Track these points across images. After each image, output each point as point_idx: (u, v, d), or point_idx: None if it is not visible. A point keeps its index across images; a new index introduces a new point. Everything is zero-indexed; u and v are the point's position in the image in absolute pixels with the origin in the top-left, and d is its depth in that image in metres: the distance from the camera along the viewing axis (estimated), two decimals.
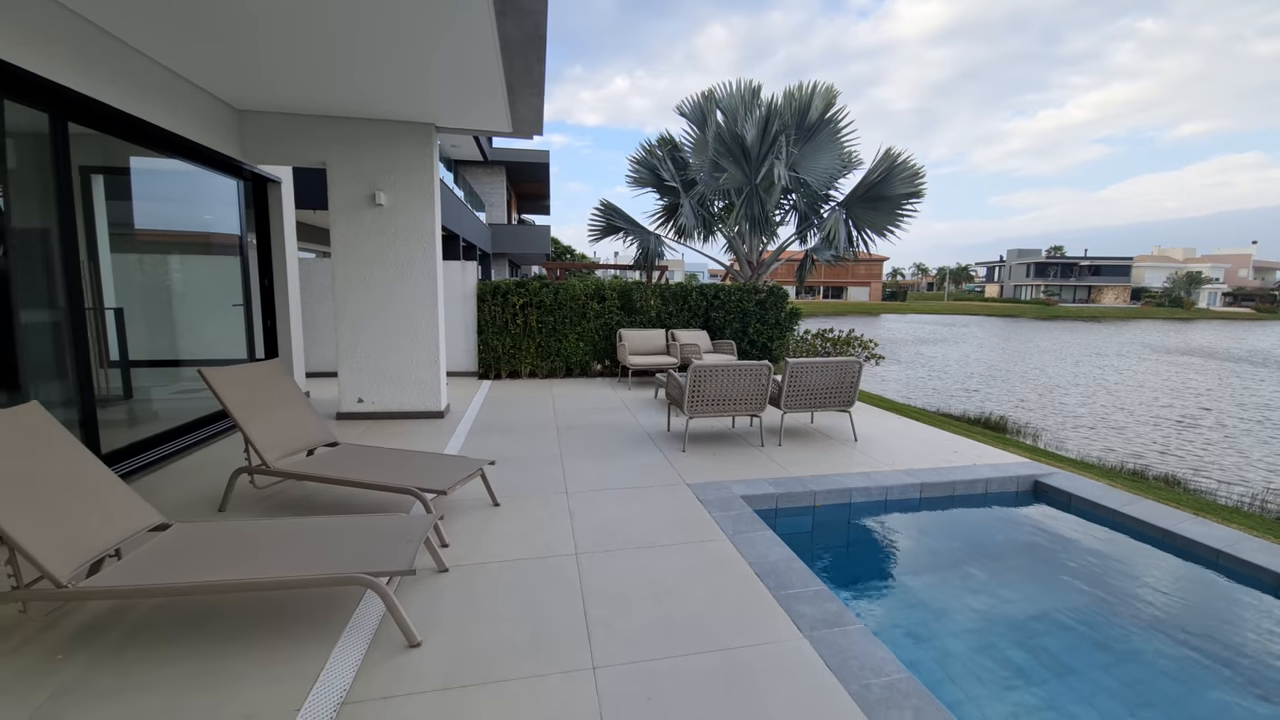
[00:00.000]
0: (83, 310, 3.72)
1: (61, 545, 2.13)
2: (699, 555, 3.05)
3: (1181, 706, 2.29)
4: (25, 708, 1.88)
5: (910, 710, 1.91)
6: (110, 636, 2.26)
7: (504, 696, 1.99)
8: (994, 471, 4.56)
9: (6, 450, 2.22)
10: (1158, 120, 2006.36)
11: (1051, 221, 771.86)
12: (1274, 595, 3.00)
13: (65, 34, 3.43)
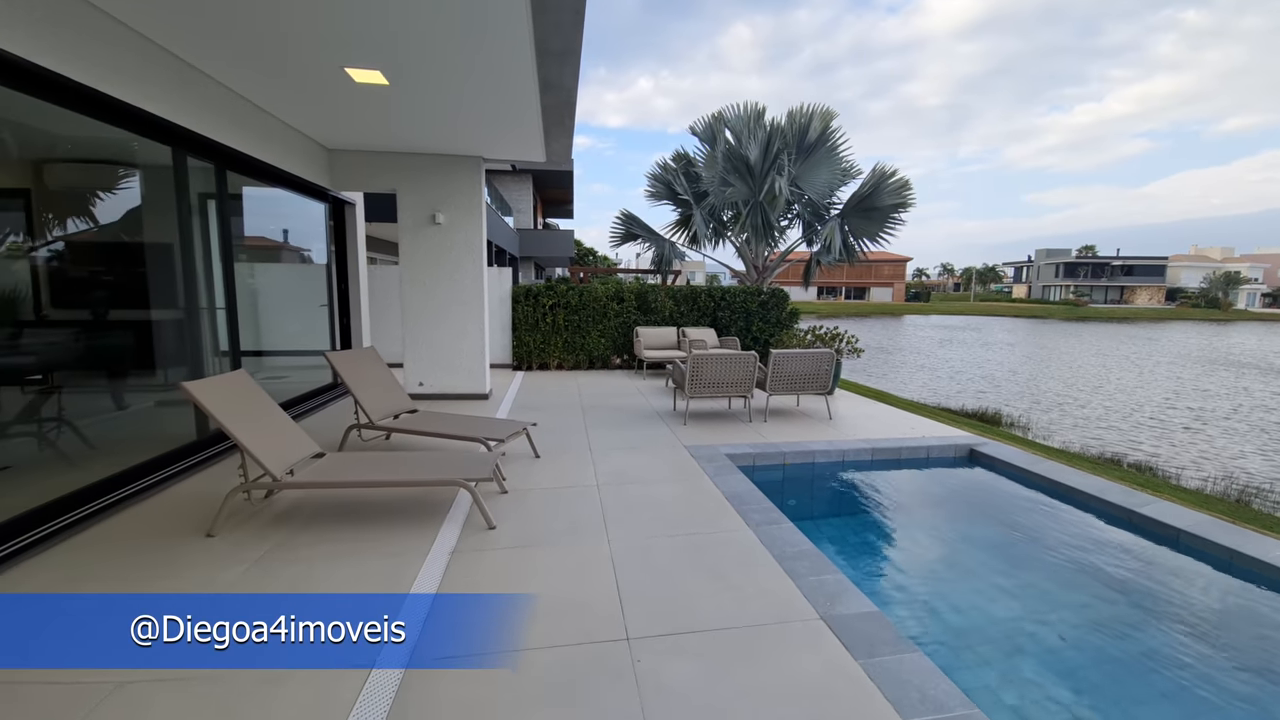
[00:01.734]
0: (199, 309, 4.99)
1: (272, 455, 3.38)
2: (686, 486, 4.19)
3: (1034, 574, 3.35)
4: (253, 555, 3.10)
5: (805, 561, 3.02)
6: (296, 520, 3.50)
7: (552, 553, 3.16)
8: (938, 441, 5.59)
9: (232, 398, 3.48)
10: (1202, 114, 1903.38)
11: (1088, 220, 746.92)
12: (1120, 526, 4.00)
13: (225, 105, 4.73)
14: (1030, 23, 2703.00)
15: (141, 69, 3.72)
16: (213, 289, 4.94)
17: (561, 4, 3.28)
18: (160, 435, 4.45)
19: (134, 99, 3.64)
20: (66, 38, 3.13)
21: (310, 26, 3.58)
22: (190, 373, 4.71)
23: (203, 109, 4.39)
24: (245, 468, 3.39)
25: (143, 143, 4.12)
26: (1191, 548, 3.59)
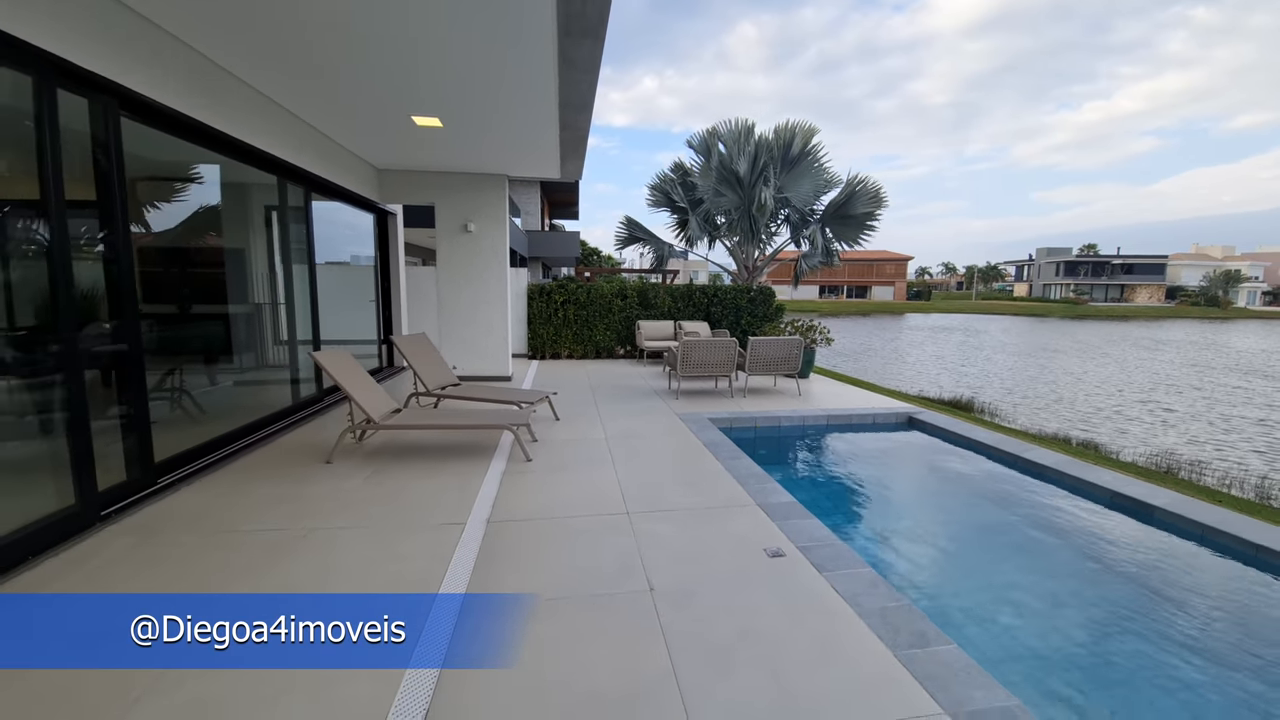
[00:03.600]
0: (273, 304, 6.28)
1: (371, 405, 4.63)
2: (674, 439, 5.43)
3: (922, 487, 4.58)
4: (362, 475, 4.35)
5: (755, 479, 4.25)
6: (385, 454, 4.77)
7: (574, 475, 4.40)
8: (884, 410, 6.81)
9: (341, 366, 4.74)
10: (1212, 111, 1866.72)
11: (1097, 218, 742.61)
12: (1032, 477, 5.17)
13: (311, 141, 6.00)
14: (1039, 20, 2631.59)
15: (256, 116, 4.99)
16: (305, 287, 6.22)
17: (581, 75, 4.51)
18: (267, 401, 5.74)
19: (261, 144, 4.92)
20: (223, 104, 4.41)
21: (392, 86, 4.82)
22: (287, 354, 6.00)
23: (300, 148, 5.66)
24: (352, 414, 4.66)
25: (256, 172, 5.40)
26: (1048, 477, 4.80)
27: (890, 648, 2.26)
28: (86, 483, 3.15)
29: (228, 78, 4.45)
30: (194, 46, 3.97)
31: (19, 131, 2.94)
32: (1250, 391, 15.41)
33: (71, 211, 3.05)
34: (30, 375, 3.13)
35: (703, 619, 2.48)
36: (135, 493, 3.56)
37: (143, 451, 3.66)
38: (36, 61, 2.86)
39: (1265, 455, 8.97)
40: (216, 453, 4.52)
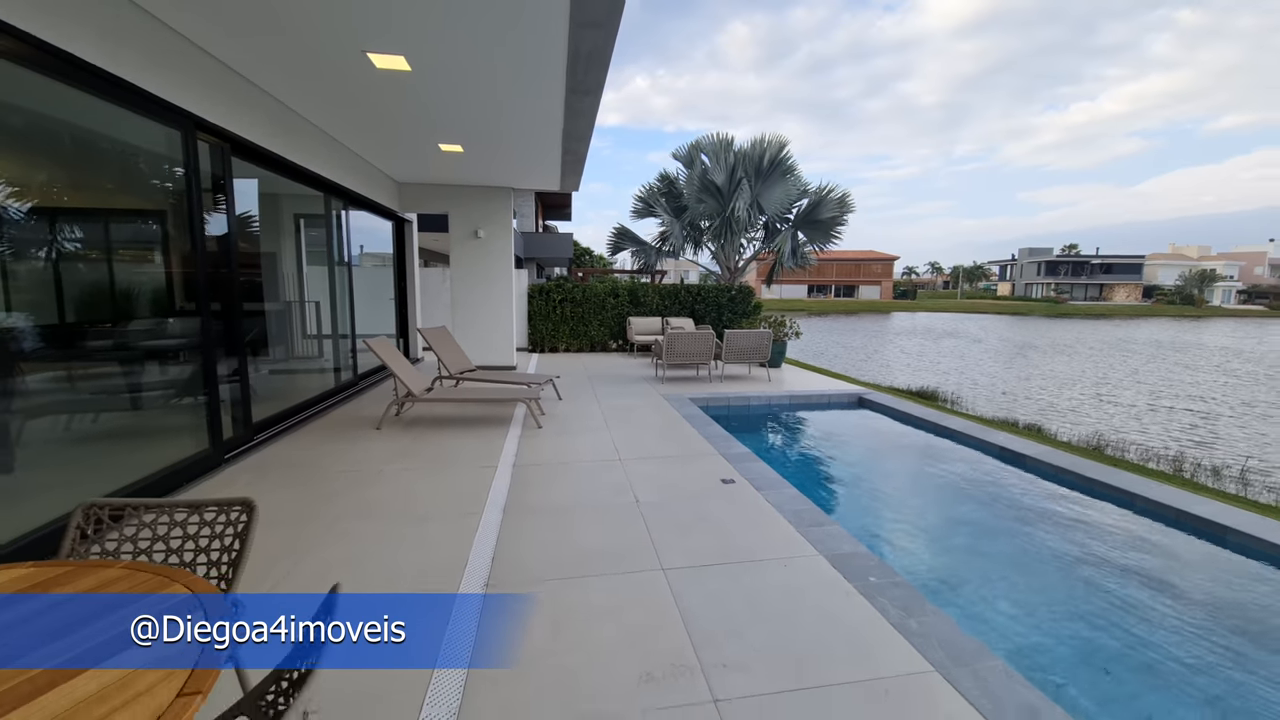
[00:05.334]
0: (300, 302, 7.33)
1: (412, 382, 5.71)
2: (659, 413, 6.55)
3: (859, 451, 5.73)
4: (408, 439, 5.43)
5: (721, 439, 5.38)
6: (422, 424, 5.84)
7: (577, 438, 5.51)
8: (839, 392, 7.97)
9: (388, 350, 5.81)
10: (1196, 112, 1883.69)
11: (1083, 218, 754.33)
12: (944, 438, 6.34)
13: (338, 156, 7.05)
14: (1029, 21, 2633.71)
15: (315, 146, 6.05)
16: (345, 286, 7.28)
17: (582, 119, 5.60)
18: (318, 384, 6.79)
19: (313, 166, 5.98)
20: (296, 138, 5.48)
21: (429, 122, 5.89)
22: (331, 344, 7.06)
23: (341, 168, 6.73)
24: (396, 390, 5.74)
25: (304, 188, 6.45)
26: (956, 437, 5.97)
27: (796, 528, 3.39)
28: (216, 435, 4.22)
29: (300, 120, 5.52)
30: (276, 96, 5.04)
31: (166, 173, 4.01)
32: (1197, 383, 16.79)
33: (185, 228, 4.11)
34: (176, 354, 4.20)
35: (672, 513, 3.61)
36: (242, 444, 4.63)
37: (246, 415, 4.73)
38: (183, 119, 3.92)
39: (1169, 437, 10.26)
40: (287, 421, 5.59)
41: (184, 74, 3.82)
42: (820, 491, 4.83)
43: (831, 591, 2.70)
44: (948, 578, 3.49)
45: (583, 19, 3.49)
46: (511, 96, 4.94)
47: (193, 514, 1.70)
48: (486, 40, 3.83)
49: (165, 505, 1.69)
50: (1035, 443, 5.58)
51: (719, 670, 2.13)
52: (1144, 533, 3.93)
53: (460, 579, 2.77)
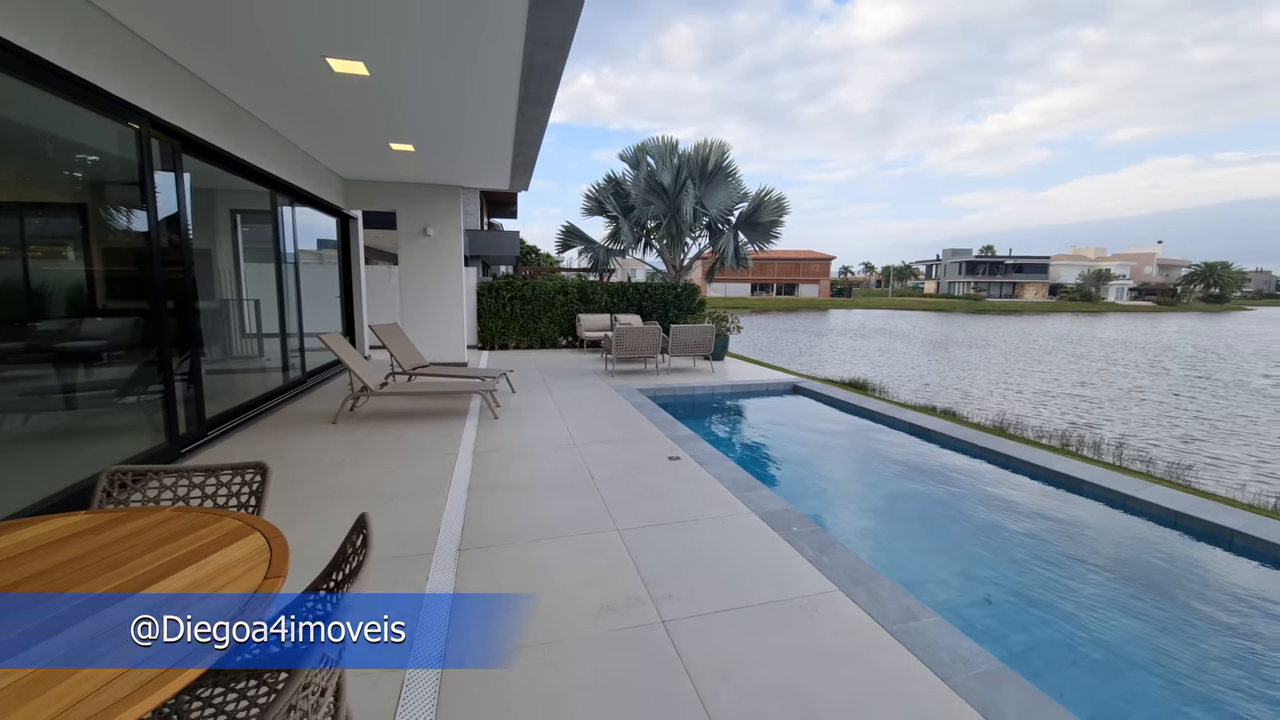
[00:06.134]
0: (237, 301, 7.31)
1: (368, 377, 5.84)
2: (609, 403, 6.94)
3: (789, 428, 6.32)
4: (365, 430, 5.59)
5: (667, 424, 5.83)
6: (378, 418, 5.98)
7: (533, 426, 5.82)
8: (776, 381, 8.63)
9: (342, 346, 5.90)
10: (1098, 125, 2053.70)
11: (1000, 220, 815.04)
12: (884, 425, 7.05)
13: (287, 154, 7.03)
14: (950, 37, 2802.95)
15: (263, 143, 6.06)
16: (286, 282, 7.23)
17: (534, 125, 5.91)
18: (266, 381, 6.76)
19: (260, 162, 5.99)
20: (244, 135, 5.50)
21: (384, 124, 6.02)
22: (277, 341, 7.02)
23: (288, 164, 6.72)
24: (351, 384, 5.85)
25: (243, 184, 6.42)
26: (875, 417, 6.69)
27: (733, 493, 3.87)
28: (173, 430, 4.27)
29: (249, 117, 5.53)
30: (228, 95, 5.07)
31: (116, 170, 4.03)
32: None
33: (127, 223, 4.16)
34: (130, 351, 4.21)
35: (624, 486, 4.01)
36: (196, 440, 4.66)
37: (200, 410, 4.76)
38: (140, 118, 3.97)
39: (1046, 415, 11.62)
40: (239, 417, 5.60)
41: (140, 74, 3.87)
42: (756, 464, 5.39)
43: (760, 539, 3.18)
44: (859, 526, 4.09)
45: (538, 37, 3.83)
46: (466, 103, 5.19)
47: (209, 477, 1.95)
48: (446, 51, 4.10)
49: (183, 470, 1.94)
50: (942, 420, 6.37)
51: (666, 600, 2.55)
52: (1021, 489, 4.68)
53: (435, 544, 3.07)
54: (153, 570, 1.23)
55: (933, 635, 2.28)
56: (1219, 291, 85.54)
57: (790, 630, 2.35)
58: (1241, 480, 6.81)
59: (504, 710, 1.91)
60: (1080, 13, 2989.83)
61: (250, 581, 1.20)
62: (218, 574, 1.24)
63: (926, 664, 2.11)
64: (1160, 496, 4.01)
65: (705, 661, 2.14)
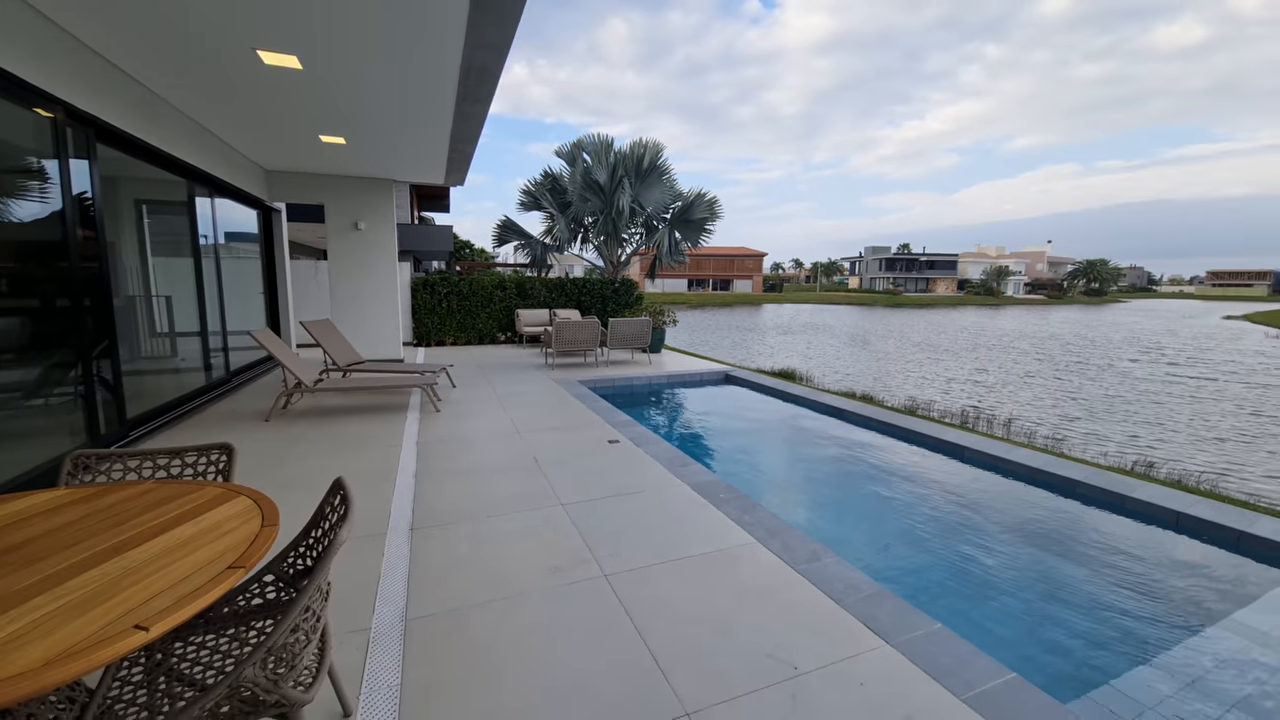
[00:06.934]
0: (146, 297, 7.02)
1: (302, 372, 5.76)
2: (550, 394, 7.16)
3: (718, 414, 6.78)
4: (302, 427, 5.53)
5: (607, 412, 6.14)
6: (315, 415, 5.91)
7: (476, 418, 5.95)
8: (710, 371, 9.13)
9: (275, 342, 5.78)
10: (998, 133, 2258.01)
11: (916, 221, 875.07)
12: (805, 407, 7.64)
13: (206, 143, 6.75)
14: (870, 45, 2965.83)
15: (180, 132, 5.82)
16: (208, 277, 6.92)
17: (471, 122, 6.01)
18: (189, 381, 6.47)
19: (176, 151, 5.75)
20: (161, 124, 5.28)
21: (316, 115, 5.92)
22: (199, 339, 6.72)
23: (206, 154, 6.45)
24: (285, 381, 5.75)
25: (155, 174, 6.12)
26: (798, 400, 7.30)
27: (667, 469, 4.23)
28: (94, 430, 4.12)
29: (165, 105, 5.31)
30: (145, 83, 4.87)
31: None
32: None
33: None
34: (49, 349, 4.02)
35: (567, 467, 4.28)
36: (118, 441, 4.49)
37: (120, 411, 4.58)
38: (56, 105, 3.81)
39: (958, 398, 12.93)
40: (162, 417, 5.38)
41: (55, 61, 3.71)
42: (690, 444, 5.80)
43: (691, 505, 3.56)
44: (778, 490, 4.58)
45: (477, 40, 4.00)
46: (403, 99, 5.24)
47: (174, 458, 2.06)
48: (384, 49, 4.18)
49: (147, 452, 2.04)
50: (859, 403, 7.05)
51: (608, 558, 2.86)
52: (916, 457, 5.34)
53: (387, 525, 3.22)
54: (155, 526, 1.40)
55: (831, 571, 2.72)
56: (1098, 286, 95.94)
57: (715, 575, 2.72)
58: (1105, 450, 7.97)
59: (466, 653, 2.15)
60: (984, 28, 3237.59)
61: (249, 531, 1.40)
62: (215, 527, 1.42)
63: (824, 592, 2.55)
64: (1024, 457, 4.75)
65: (643, 603, 2.47)
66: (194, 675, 1.44)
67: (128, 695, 1.35)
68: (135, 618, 1.02)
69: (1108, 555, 3.48)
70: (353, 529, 3.24)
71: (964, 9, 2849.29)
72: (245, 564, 1.23)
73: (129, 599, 1.08)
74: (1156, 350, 23.38)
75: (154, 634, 0.99)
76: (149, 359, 6.39)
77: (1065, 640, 2.71)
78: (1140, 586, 3.13)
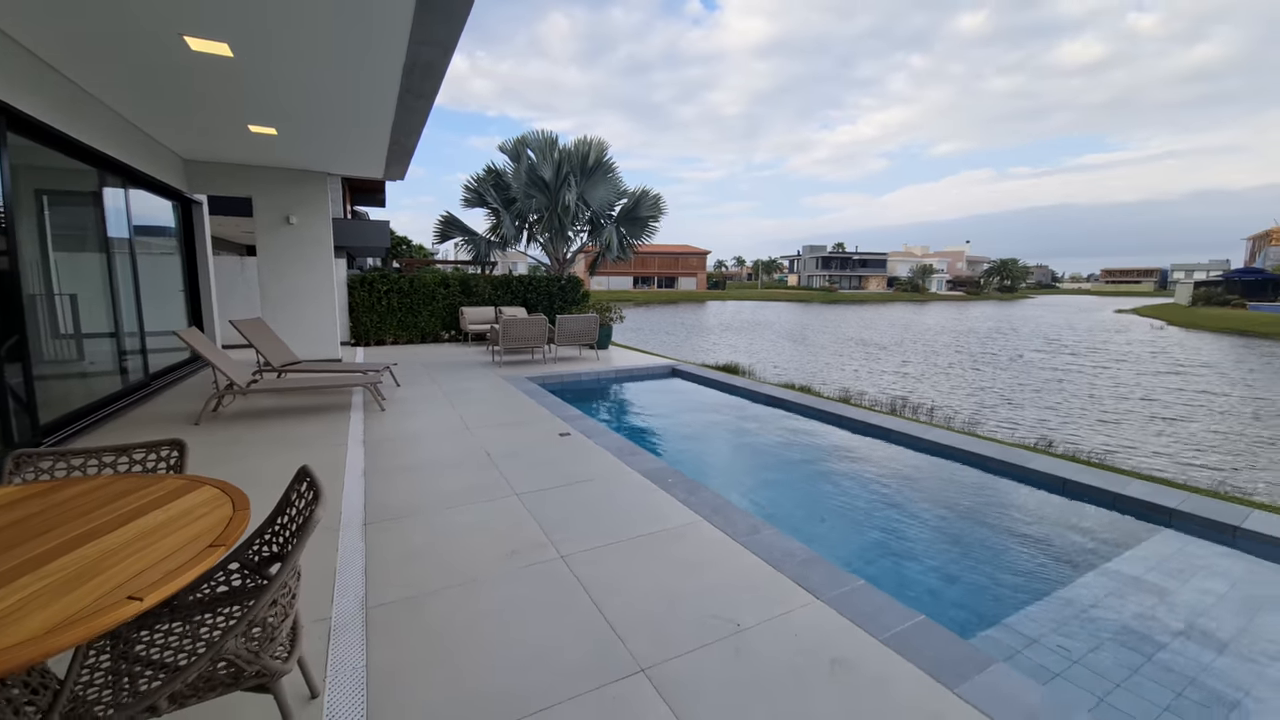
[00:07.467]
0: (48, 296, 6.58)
1: (234, 373, 5.52)
2: (500, 391, 7.16)
3: (663, 405, 7.01)
4: (237, 429, 5.32)
5: (554, 406, 6.24)
6: (248, 417, 5.68)
7: (423, 416, 5.90)
8: (657, 365, 9.36)
9: (202, 341, 5.50)
10: (922, 139, 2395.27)
11: (849, 221, 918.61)
12: (746, 399, 7.97)
13: (122, 130, 6.31)
14: (806, 51, 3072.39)
15: (92, 118, 5.43)
16: (123, 275, 6.47)
17: (414, 116, 5.92)
18: (105, 385, 6.04)
19: (86, 138, 5.38)
20: (71, 109, 4.93)
21: (249, 106, 5.66)
22: (111, 341, 6.28)
23: (120, 143, 6.03)
24: (216, 382, 5.49)
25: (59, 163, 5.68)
26: (737, 390, 7.65)
27: (618, 458, 4.40)
28: (8, 438, 3.83)
29: (78, 90, 4.94)
30: (59, 69, 4.53)
31: None
32: None
33: None
34: None
35: (520, 460, 4.37)
36: None
37: (33, 418, 4.27)
38: None
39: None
40: (78, 423, 5.03)
41: None
42: (639, 435, 5.99)
43: (640, 490, 3.74)
44: (723, 473, 4.85)
45: (423, 37, 4.01)
46: (342, 91, 5.12)
47: (120, 455, 2.03)
48: (323, 39, 4.10)
49: (91, 450, 2.00)
50: (798, 393, 7.47)
51: (563, 541, 3.00)
52: (849, 440, 5.76)
53: (340, 521, 3.22)
54: (122, 514, 1.43)
55: (770, 541, 2.98)
56: (1010, 283, 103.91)
57: (665, 550, 2.92)
58: (1015, 431, 8.79)
59: (429, 635, 2.24)
60: (910, 40, 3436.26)
61: (221, 515, 1.45)
62: (185, 513, 1.47)
63: (763, 559, 2.79)
64: (941, 437, 5.24)
65: (598, 580, 2.63)
66: (165, 660, 1.48)
67: (99, 680, 1.38)
68: (126, 590, 1.08)
69: (1008, 517, 3.94)
70: None
71: (892, 21, 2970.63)
72: (225, 542, 1.29)
73: (115, 576, 1.14)
74: (1059, 342, 25.72)
75: (148, 603, 1.06)
76: (59, 362, 5.93)
77: (970, 588, 3.09)
78: (1033, 542, 3.58)
